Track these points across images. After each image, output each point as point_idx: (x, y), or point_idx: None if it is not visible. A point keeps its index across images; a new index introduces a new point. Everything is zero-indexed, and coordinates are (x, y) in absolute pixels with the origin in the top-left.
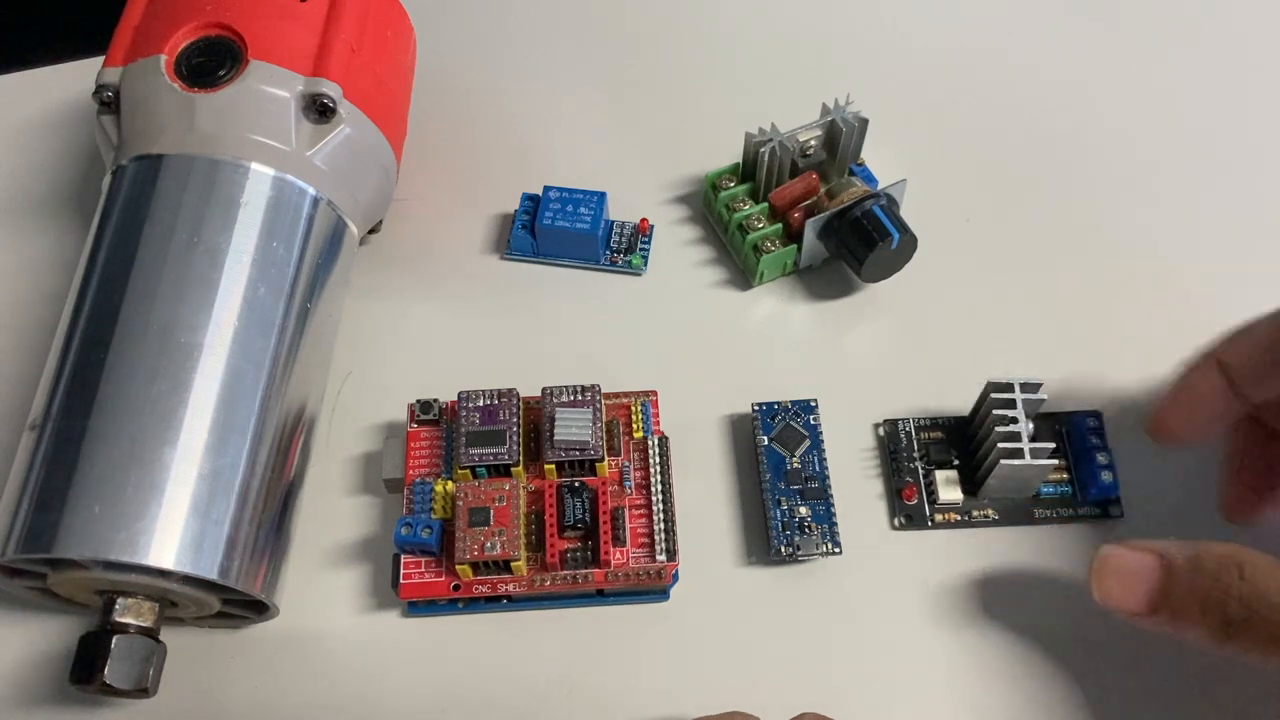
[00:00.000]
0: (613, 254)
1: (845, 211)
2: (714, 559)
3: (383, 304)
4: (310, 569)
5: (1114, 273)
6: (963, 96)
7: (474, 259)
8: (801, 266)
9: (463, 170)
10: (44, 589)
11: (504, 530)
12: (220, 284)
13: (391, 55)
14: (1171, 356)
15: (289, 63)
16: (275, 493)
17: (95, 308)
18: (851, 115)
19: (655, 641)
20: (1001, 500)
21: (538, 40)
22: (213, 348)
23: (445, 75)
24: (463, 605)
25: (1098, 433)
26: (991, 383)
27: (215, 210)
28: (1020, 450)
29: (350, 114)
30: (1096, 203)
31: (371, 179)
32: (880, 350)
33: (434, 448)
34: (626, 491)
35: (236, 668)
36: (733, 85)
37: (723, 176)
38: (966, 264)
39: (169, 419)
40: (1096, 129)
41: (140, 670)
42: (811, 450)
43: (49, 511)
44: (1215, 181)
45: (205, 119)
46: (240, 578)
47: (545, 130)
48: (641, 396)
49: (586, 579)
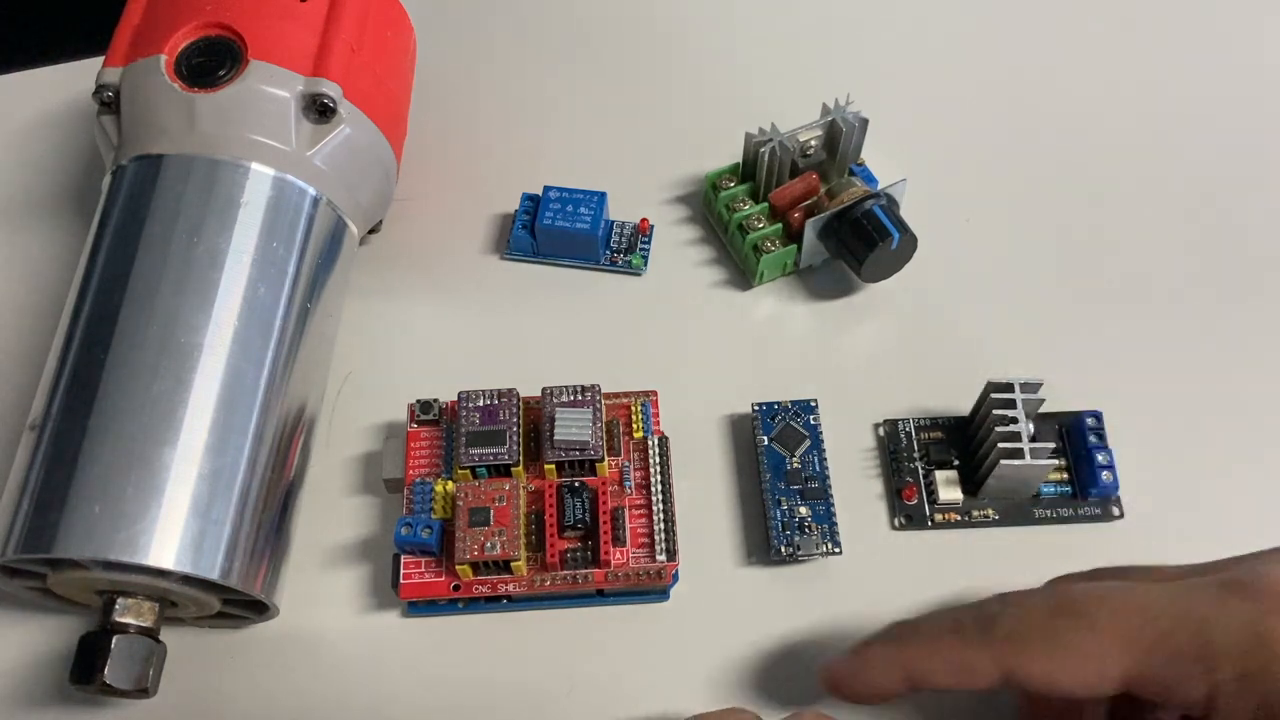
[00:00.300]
0: (613, 254)
1: (845, 211)
2: (714, 559)
3: (383, 304)
4: (310, 569)
5: (1114, 272)
6: (963, 97)
7: (474, 259)
8: (801, 266)
9: (463, 170)
10: (44, 589)
11: (504, 530)
12: (220, 284)
13: (391, 55)
14: (1172, 356)
15: (289, 63)
16: (275, 493)
17: (95, 308)
18: (851, 115)
19: (655, 641)
20: (1001, 500)
21: (538, 40)
22: (213, 348)
23: (445, 75)
24: (463, 605)
25: (1098, 433)
26: (991, 383)
27: (215, 210)
28: (1020, 450)
29: (350, 114)
30: (1096, 202)
31: (371, 179)
32: (880, 350)
33: (434, 448)
34: (626, 491)
35: (236, 668)
36: (733, 85)
37: (723, 176)
38: (966, 264)
39: (169, 419)
40: (1097, 128)
41: (140, 670)
42: (811, 450)
43: (49, 511)
44: (1215, 181)
45: (205, 119)
46: (240, 578)
47: (545, 130)
48: (641, 396)
49: (586, 579)
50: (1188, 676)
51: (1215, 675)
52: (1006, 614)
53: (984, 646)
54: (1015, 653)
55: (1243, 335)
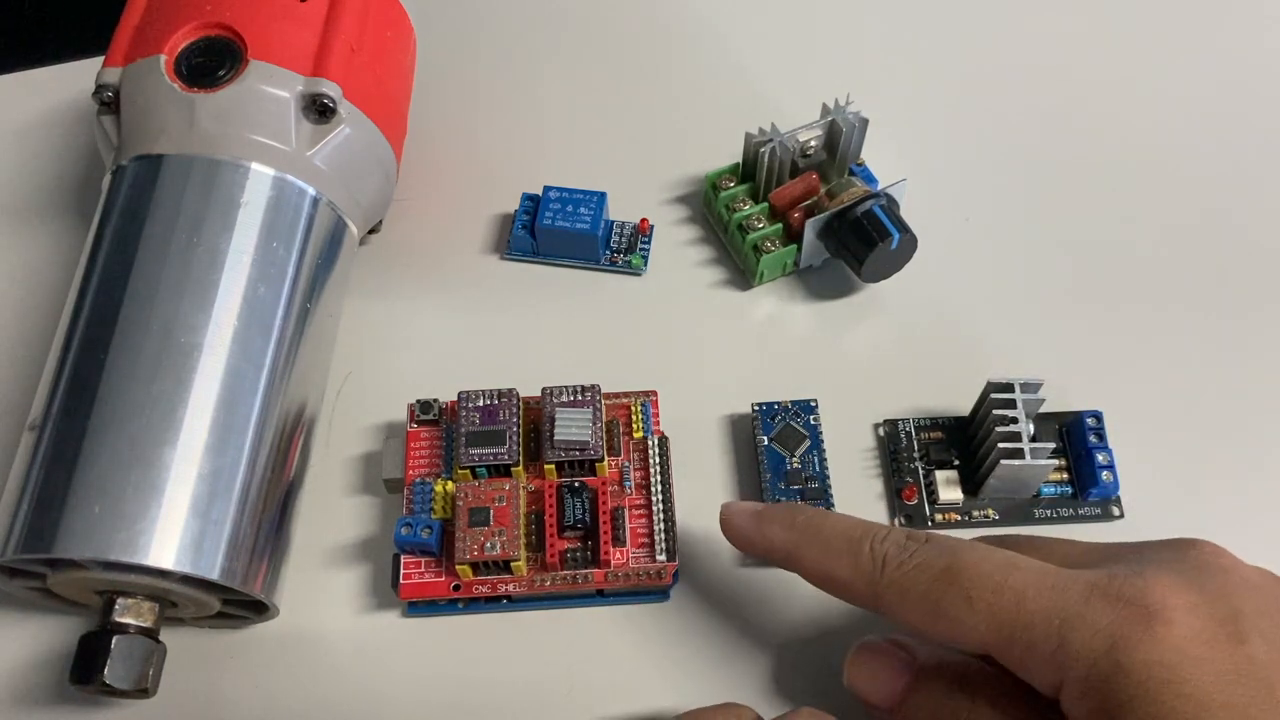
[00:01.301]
0: (613, 254)
1: (845, 211)
2: (714, 559)
3: (383, 304)
4: (310, 569)
5: (1114, 272)
6: (963, 96)
7: (474, 259)
8: (801, 266)
9: (463, 170)
10: (44, 589)
11: (504, 530)
12: (220, 284)
13: (391, 55)
14: (1172, 356)
15: (289, 63)
16: (275, 493)
17: (95, 308)
18: (851, 115)
19: (655, 641)
20: (1002, 500)
21: (538, 40)
22: (213, 348)
23: (445, 75)
24: (463, 605)
25: (1098, 433)
26: (991, 383)
27: (215, 210)
28: (1020, 450)
29: (350, 114)
30: (1096, 202)
31: (371, 179)
32: (880, 350)
33: (434, 448)
34: (626, 491)
35: (236, 668)
36: (733, 85)
37: (723, 176)
38: (966, 264)
39: (169, 419)
40: (1097, 128)
41: (140, 670)
42: (811, 450)
43: (49, 512)
44: (1215, 181)
45: (205, 119)
46: (240, 578)
47: (545, 130)
48: (641, 396)
49: (586, 579)
50: (1040, 668)
51: (1063, 673)
52: (900, 560)
53: (870, 582)
54: (894, 600)
55: (1243, 335)
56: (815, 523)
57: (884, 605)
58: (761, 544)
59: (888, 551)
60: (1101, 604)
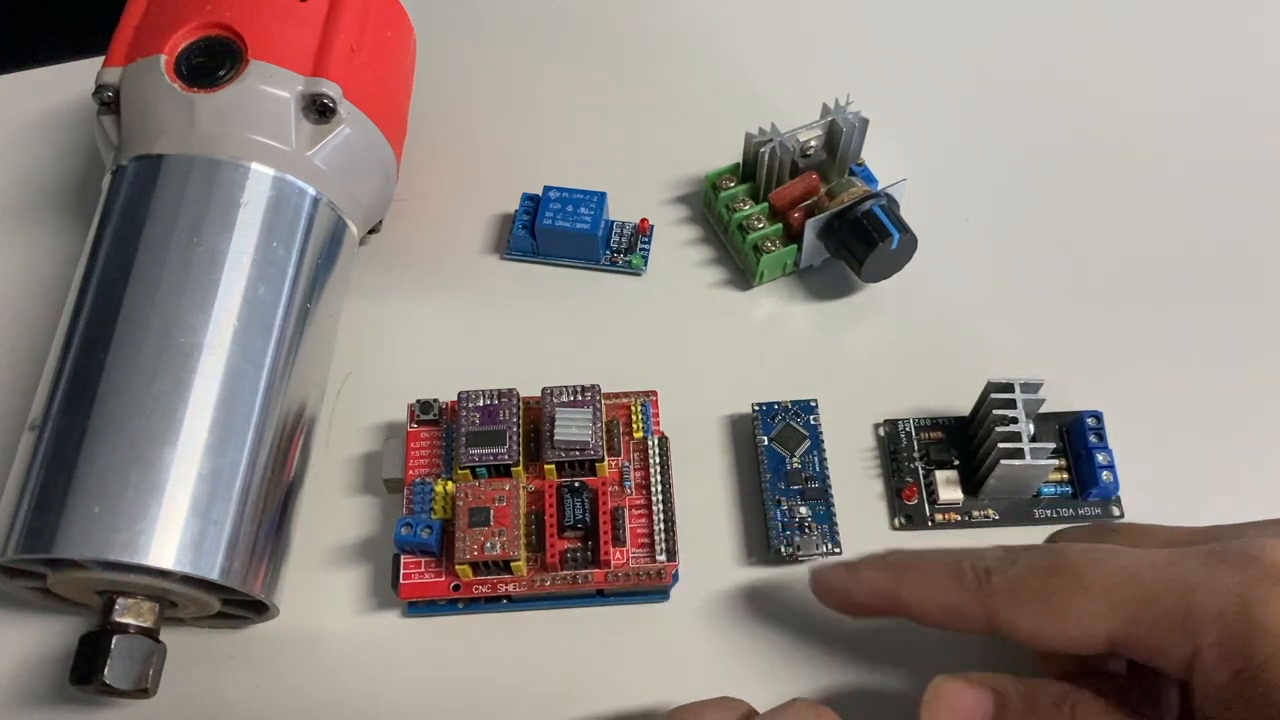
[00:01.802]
0: (613, 254)
1: (845, 211)
2: (714, 559)
3: (383, 304)
4: (310, 569)
5: (1114, 272)
6: (963, 97)
7: (474, 259)
8: (801, 266)
9: (463, 170)
10: (44, 589)
11: (504, 530)
12: (220, 284)
13: (391, 55)
14: (1172, 356)
15: (289, 63)
16: (275, 493)
17: (95, 308)
18: (852, 115)
19: (655, 641)
20: (1002, 500)
21: (538, 40)
22: (212, 348)
23: (445, 75)
24: (463, 605)
25: (1098, 433)
26: (991, 383)
27: (215, 210)
28: (1020, 450)
29: (350, 114)
30: (1097, 202)
31: (371, 179)
32: (880, 350)
33: (434, 448)
34: (626, 491)
35: (236, 668)
36: (733, 85)
37: (723, 176)
38: (966, 264)
39: (169, 419)
40: (1096, 128)
41: (140, 670)
42: (811, 450)
43: (49, 512)
44: (1215, 181)
45: (205, 119)
46: (240, 578)
47: (545, 130)
48: (641, 396)
49: (586, 579)
50: (1171, 641)
51: (1196, 640)
52: (1004, 567)
53: (978, 595)
54: (1007, 607)
55: (1243, 335)
56: (909, 558)
57: (997, 616)
58: (860, 592)
59: (990, 564)
60: (1223, 568)
